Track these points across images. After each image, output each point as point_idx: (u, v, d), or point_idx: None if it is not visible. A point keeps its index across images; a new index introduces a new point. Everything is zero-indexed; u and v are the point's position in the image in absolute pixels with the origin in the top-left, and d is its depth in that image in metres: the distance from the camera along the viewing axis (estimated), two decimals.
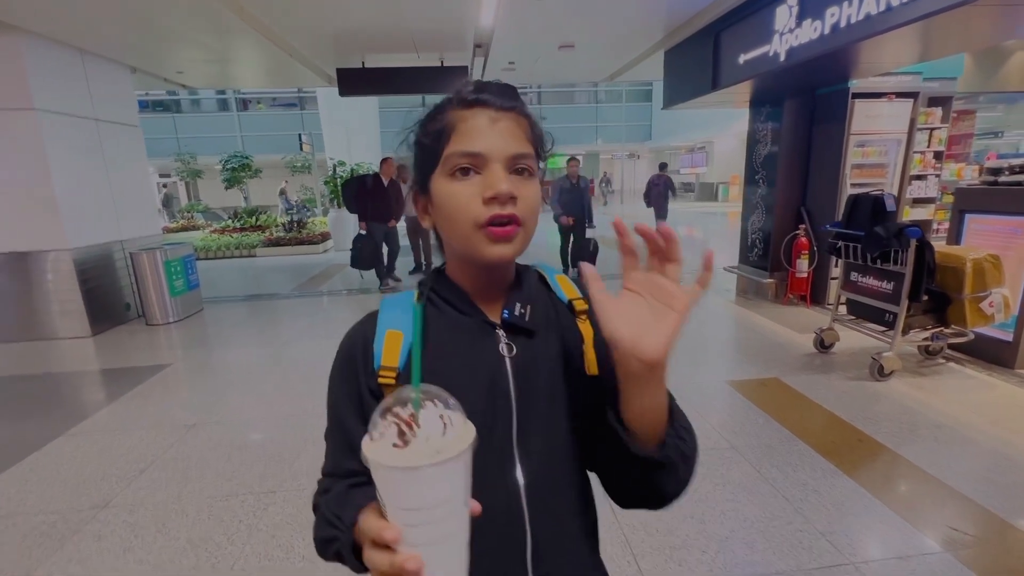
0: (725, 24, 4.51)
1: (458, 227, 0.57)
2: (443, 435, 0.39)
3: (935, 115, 4.88)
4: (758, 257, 5.46)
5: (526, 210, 0.57)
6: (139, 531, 2.07)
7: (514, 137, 0.57)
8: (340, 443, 0.62)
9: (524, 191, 0.57)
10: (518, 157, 0.57)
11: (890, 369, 3.20)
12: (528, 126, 0.60)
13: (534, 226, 0.59)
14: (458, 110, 0.58)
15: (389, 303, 0.66)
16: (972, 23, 2.91)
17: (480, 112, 0.57)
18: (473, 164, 0.56)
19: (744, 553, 1.84)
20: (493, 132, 0.56)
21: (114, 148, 5.26)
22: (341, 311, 5.68)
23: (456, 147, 0.56)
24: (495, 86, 0.59)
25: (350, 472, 0.60)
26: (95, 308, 4.94)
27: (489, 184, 0.55)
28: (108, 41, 4.75)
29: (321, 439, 0.68)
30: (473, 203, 0.55)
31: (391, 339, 0.61)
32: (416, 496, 0.38)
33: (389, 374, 0.60)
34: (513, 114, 0.58)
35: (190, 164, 18.72)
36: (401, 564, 0.39)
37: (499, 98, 0.58)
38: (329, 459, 0.65)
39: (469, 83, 0.60)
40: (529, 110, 0.61)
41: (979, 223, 3.53)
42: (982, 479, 2.21)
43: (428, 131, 0.60)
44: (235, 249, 10.16)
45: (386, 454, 0.38)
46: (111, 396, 3.46)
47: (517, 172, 0.57)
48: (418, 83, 6.26)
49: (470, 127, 0.56)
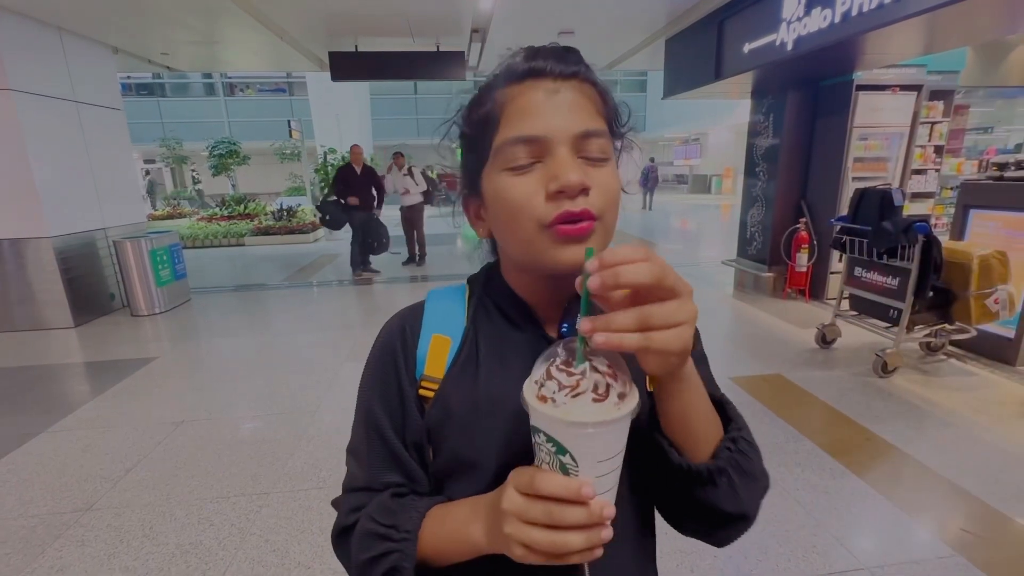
0: (730, 12, 4.41)
1: (519, 231, 0.47)
2: (616, 381, 0.40)
3: (937, 109, 4.84)
4: (757, 250, 5.42)
5: (602, 202, 0.46)
6: (125, 536, 1.97)
7: (581, 111, 0.46)
8: (379, 454, 0.55)
9: (599, 178, 0.46)
10: (588, 135, 0.45)
11: (894, 366, 3.17)
12: (597, 95, 0.48)
13: (614, 220, 0.49)
14: (506, 87, 0.47)
15: (437, 297, 0.59)
16: (978, 15, 2.85)
17: (534, 85, 0.46)
18: (531, 152, 0.45)
19: (757, 558, 1.79)
20: (553, 107, 0.45)
21: (96, 132, 5.06)
22: (333, 302, 5.56)
23: (508, 133, 0.46)
24: (549, 50, 0.48)
25: (388, 485, 0.54)
26: (78, 298, 4.77)
27: (554, 175, 0.44)
28: (88, 19, 4.52)
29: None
30: (535, 200, 0.45)
31: (437, 345, 0.54)
32: (615, 445, 0.39)
33: (431, 386, 0.53)
34: (576, 81, 0.47)
35: (175, 150, 18.28)
36: (599, 512, 0.38)
37: (557, 63, 0.46)
38: (360, 473, 0.56)
39: (518, 51, 0.49)
40: (597, 75, 0.49)
41: (984, 218, 3.49)
42: (991, 479, 2.19)
43: (473, 119, 0.50)
44: (223, 238, 9.95)
45: (591, 411, 0.38)
46: (95, 391, 3.33)
47: (588, 156, 0.46)
48: (413, 69, 6.11)
49: (523, 105, 0.46)
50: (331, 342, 4.21)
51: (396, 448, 0.54)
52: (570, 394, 0.38)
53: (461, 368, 0.53)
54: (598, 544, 0.39)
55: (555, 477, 0.39)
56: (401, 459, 0.54)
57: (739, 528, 0.51)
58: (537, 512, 0.39)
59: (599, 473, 0.39)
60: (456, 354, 0.54)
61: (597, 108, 0.48)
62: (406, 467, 0.54)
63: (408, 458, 0.54)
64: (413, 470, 0.54)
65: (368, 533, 0.50)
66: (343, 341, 4.25)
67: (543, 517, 0.39)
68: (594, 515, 0.38)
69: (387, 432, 0.54)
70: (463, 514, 0.47)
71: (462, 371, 0.53)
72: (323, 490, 2.22)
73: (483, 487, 0.49)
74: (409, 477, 0.54)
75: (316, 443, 2.59)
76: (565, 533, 0.38)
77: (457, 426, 0.52)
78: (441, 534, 0.48)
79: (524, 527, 0.39)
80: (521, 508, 0.40)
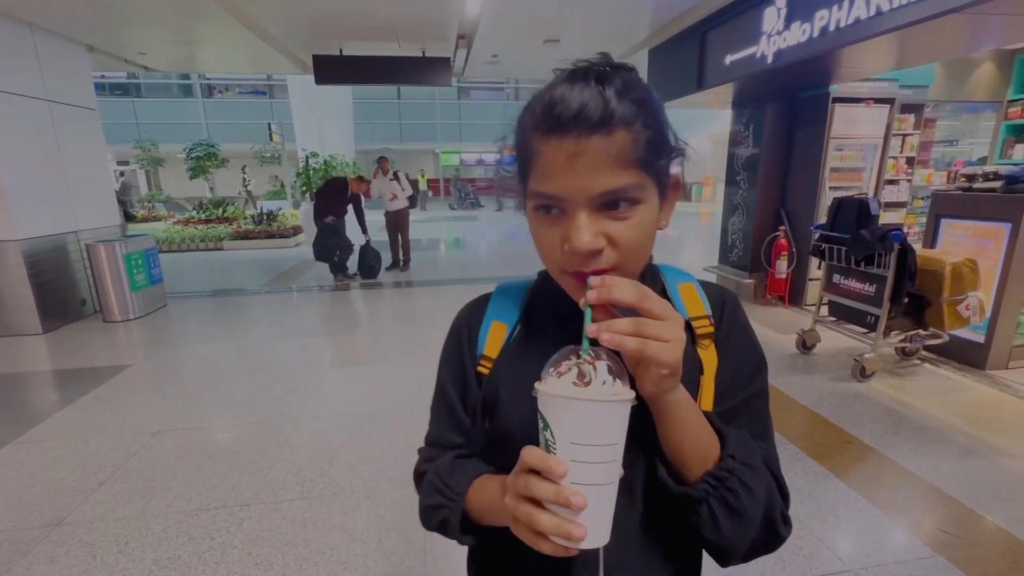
0: (712, 24, 4.51)
1: (547, 264, 0.54)
2: (614, 384, 0.42)
3: (908, 121, 5.02)
4: (738, 257, 5.52)
5: (620, 255, 0.48)
6: (98, 551, 1.89)
7: (603, 170, 0.45)
8: (446, 416, 0.65)
9: (618, 231, 0.47)
10: (607, 194, 0.46)
11: (871, 370, 3.25)
12: (631, 138, 0.45)
13: (639, 262, 0.51)
14: (537, 133, 0.47)
15: (504, 289, 0.66)
16: (945, 34, 2.97)
17: (558, 146, 0.45)
18: (554, 205, 0.48)
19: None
20: (572, 171, 0.45)
21: (68, 132, 4.90)
22: (315, 308, 5.47)
23: (535, 184, 0.49)
24: (577, 96, 0.44)
25: (454, 445, 0.64)
26: (47, 304, 4.60)
27: (567, 236, 0.47)
28: (61, 15, 4.39)
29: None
30: (556, 248, 0.49)
31: (495, 330, 0.62)
32: (590, 430, 0.41)
33: (487, 364, 0.61)
34: (603, 133, 0.44)
35: (151, 151, 17.81)
36: (567, 496, 0.40)
37: (582, 120, 0.44)
38: (434, 429, 0.67)
39: (553, 87, 0.47)
40: (640, 108, 0.46)
41: (954, 227, 3.62)
42: (967, 480, 2.25)
43: (518, 141, 0.52)
44: (200, 242, 9.72)
45: (568, 388, 0.42)
46: (65, 400, 3.20)
47: (610, 210, 0.47)
48: (398, 73, 6.10)
49: (547, 164, 0.47)
50: (313, 348, 4.14)
51: (459, 414, 0.63)
52: (556, 374, 0.43)
53: (512, 352, 0.61)
54: (567, 534, 0.40)
55: (536, 450, 0.43)
56: (463, 424, 0.64)
57: (722, 556, 0.53)
58: (520, 484, 0.43)
59: (575, 457, 0.41)
60: (508, 339, 0.62)
61: (627, 157, 0.45)
62: (466, 431, 0.64)
63: (468, 424, 0.64)
64: (471, 433, 0.64)
65: (431, 485, 0.60)
66: (325, 347, 4.18)
67: (523, 489, 0.43)
68: (561, 494, 0.40)
69: (453, 400, 0.64)
70: (498, 485, 0.53)
71: (512, 355, 0.61)
72: (307, 500, 2.17)
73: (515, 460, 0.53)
74: (468, 439, 0.64)
75: (299, 452, 2.53)
76: (538, 510, 0.42)
77: (502, 402, 0.59)
78: (481, 501, 0.56)
79: (513, 500, 0.44)
80: (512, 480, 0.45)
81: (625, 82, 0.46)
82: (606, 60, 0.48)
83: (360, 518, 2.05)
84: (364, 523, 2.03)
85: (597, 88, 0.45)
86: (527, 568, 0.55)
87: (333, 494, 2.21)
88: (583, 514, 0.41)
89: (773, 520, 0.53)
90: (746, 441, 0.52)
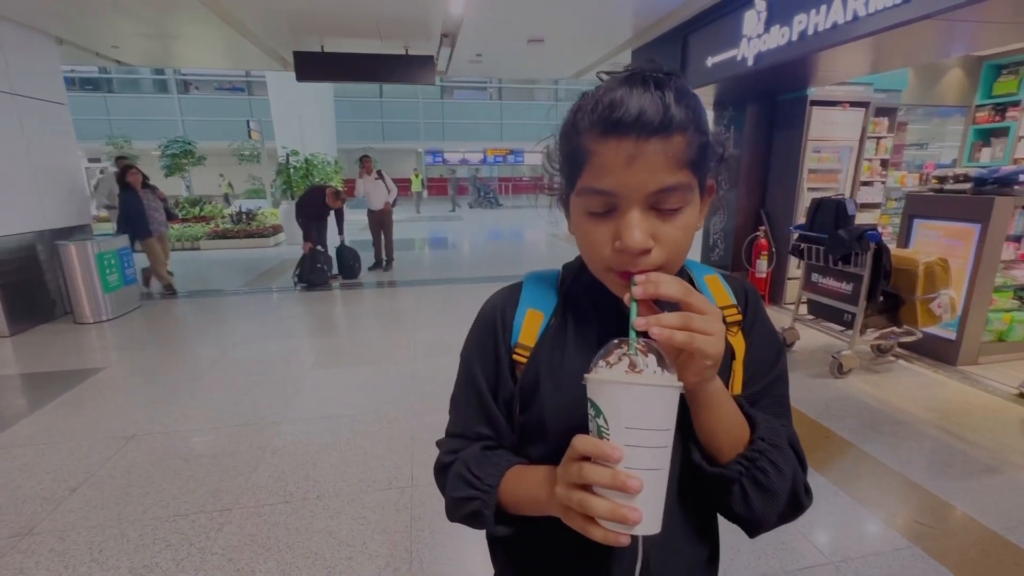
0: (694, 27, 4.57)
1: (591, 263, 0.55)
2: (663, 374, 0.44)
3: (882, 124, 5.17)
4: (719, 256, 5.60)
5: (666, 255, 0.50)
6: (70, 561, 1.82)
7: (659, 169, 0.47)
8: (474, 407, 0.63)
9: (666, 232, 0.49)
10: (661, 192, 0.48)
11: (849, 367, 3.33)
12: (685, 142, 0.48)
13: (680, 261, 0.53)
14: (591, 134, 0.48)
15: (535, 278, 0.66)
16: (917, 39, 3.06)
17: (616, 146, 0.47)
18: (607, 202, 0.50)
19: (730, 557, 1.83)
20: (629, 169, 0.47)
21: (36, 128, 4.73)
22: (295, 308, 5.38)
23: (588, 180, 0.50)
24: (637, 101, 0.46)
25: (481, 436, 0.63)
26: (14, 305, 4.43)
27: (619, 234, 0.49)
28: (28, 5, 4.24)
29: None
30: (605, 249, 0.51)
31: (531, 318, 0.62)
32: (646, 414, 0.42)
33: (524, 352, 0.61)
34: (660, 138, 0.46)
35: (123, 148, 17.32)
36: (623, 479, 0.41)
37: (642, 123, 0.45)
38: (458, 421, 0.66)
39: (610, 90, 0.47)
40: (693, 114, 0.48)
41: (927, 228, 3.73)
42: (939, 472, 2.32)
43: (567, 140, 0.53)
44: (176, 241, 9.47)
45: (623, 376, 0.43)
46: (33, 404, 3.08)
47: (661, 208, 0.49)
48: (381, 71, 6.04)
49: (603, 162, 0.48)
50: (294, 349, 4.07)
51: (488, 404, 0.62)
52: (606, 364, 0.45)
53: (552, 340, 0.61)
54: (622, 519, 0.41)
55: (589, 438, 0.44)
56: (492, 414, 0.63)
57: (751, 529, 0.57)
58: (573, 472, 0.44)
59: (629, 442, 0.42)
60: (546, 327, 0.61)
61: (680, 159, 0.48)
62: (495, 421, 0.63)
63: (498, 414, 0.63)
64: (500, 424, 0.63)
65: (460, 476, 0.60)
66: (307, 348, 4.11)
67: (576, 476, 0.43)
68: (617, 478, 0.41)
69: (483, 389, 0.62)
70: (539, 477, 0.54)
71: (552, 343, 0.61)
72: (290, 504, 2.13)
73: (550, 449, 0.55)
74: (496, 430, 0.63)
75: (281, 455, 2.48)
76: (592, 497, 0.42)
77: (541, 390, 0.59)
78: (518, 491, 0.56)
79: (566, 488, 0.45)
80: (564, 470, 0.46)
81: (678, 88, 0.48)
82: (659, 66, 0.50)
83: (344, 521, 2.02)
84: (348, 526, 1.99)
85: (657, 94, 0.46)
86: (561, 556, 0.58)
87: (316, 497, 2.17)
88: (637, 499, 0.42)
89: (797, 493, 0.57)
90: (772, 423, 0.56)
